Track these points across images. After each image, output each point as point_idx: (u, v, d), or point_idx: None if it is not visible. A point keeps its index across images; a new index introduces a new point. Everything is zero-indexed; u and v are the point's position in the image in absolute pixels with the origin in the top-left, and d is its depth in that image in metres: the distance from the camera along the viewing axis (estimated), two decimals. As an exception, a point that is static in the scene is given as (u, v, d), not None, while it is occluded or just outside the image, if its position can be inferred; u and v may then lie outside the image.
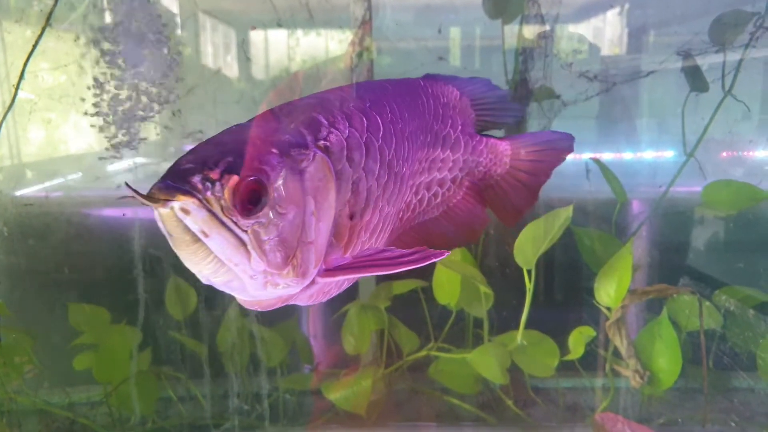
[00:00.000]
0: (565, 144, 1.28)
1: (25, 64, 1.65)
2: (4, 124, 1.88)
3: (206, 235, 0.72)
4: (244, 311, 2.06)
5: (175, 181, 0.70)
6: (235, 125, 0.86)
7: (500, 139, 1.26)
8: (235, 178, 0.72)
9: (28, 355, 1.93)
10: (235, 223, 0.73)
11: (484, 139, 1.24)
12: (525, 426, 2.11)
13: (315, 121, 0.88)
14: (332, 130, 0.88)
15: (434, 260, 0.85)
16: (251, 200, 0.74)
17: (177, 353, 2.14)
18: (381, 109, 0.99)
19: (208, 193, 0.71)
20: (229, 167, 0.73)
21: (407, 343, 2.13)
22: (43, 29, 1.62)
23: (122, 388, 1.99)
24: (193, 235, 0.72)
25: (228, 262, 0.75)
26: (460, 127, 1.18)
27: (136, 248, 1.94)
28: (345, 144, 0.89)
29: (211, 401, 2.13)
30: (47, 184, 2.23)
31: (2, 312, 1.83)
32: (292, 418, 2.15)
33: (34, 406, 1.99)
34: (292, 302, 0.90)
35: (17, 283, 2.04)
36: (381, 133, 0.97)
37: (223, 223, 0.72)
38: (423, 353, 2.10)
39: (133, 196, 0.68)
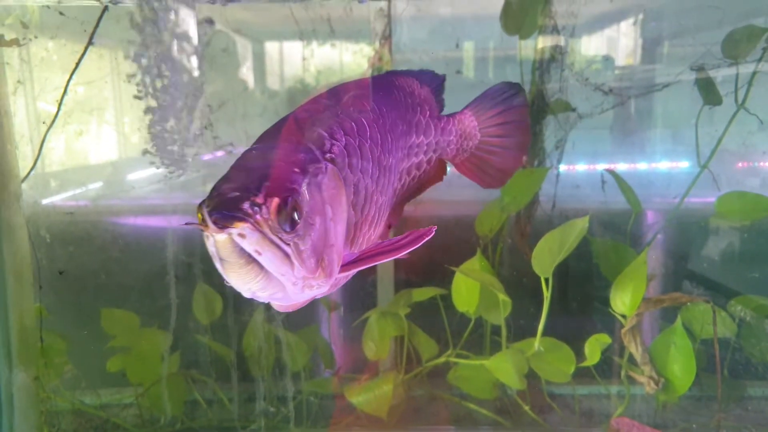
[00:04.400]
0: (513, 91, 1.34)
1: (68, 81, 1.74)
2: (33, 137, 1.97)
3: (259, 254, 0.80)
4: (269, 317, 2.13)
5: (230, 210, 0.78)
6: (248, 151, 0.94)
7: (461, 112, 1.32)
8: (276, 200, 0.81)
9: (65, 356, 2.02)
10: (281, 239, 0.82)
11: (450, 118, 1.31)
12: (542, 431, 2.15)
13: (318, 135, 0.97)
14: (333, 141, 0.98)
15: (425, 239, 0.96)
16: (291, 217, 0.83)
17: (205, 357, 2.21)
18: (363, 110, 1.09)
19: (258, 217, 0.79)
20: (270, 191, 0.82)
21: (426, 350, 2.18)
22: (86, 48, 1.72)
23: (153, 390, 2.07)
24: (248, 256, 0.79)
25: (277, 274, 0.83)
26: (428, 113, 1.26)
27: (168, 255, 2.02)
28: (345, 152, 0.99)
29: (238, 404, 2.20)
30: (77, 191, 2.32)
31: (43, 315, 1.92)
32: (316, 420, 2.21)
33: (71, 405, 2.08)
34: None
35: (57, 288, 2.13)
36: (368, 133, 1.06)
37: (272, 241, 0.81)
38: (442, 359, 2.16)
39: (196, 225, 0.77)
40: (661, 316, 2.22)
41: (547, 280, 1.92)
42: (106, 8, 1.64)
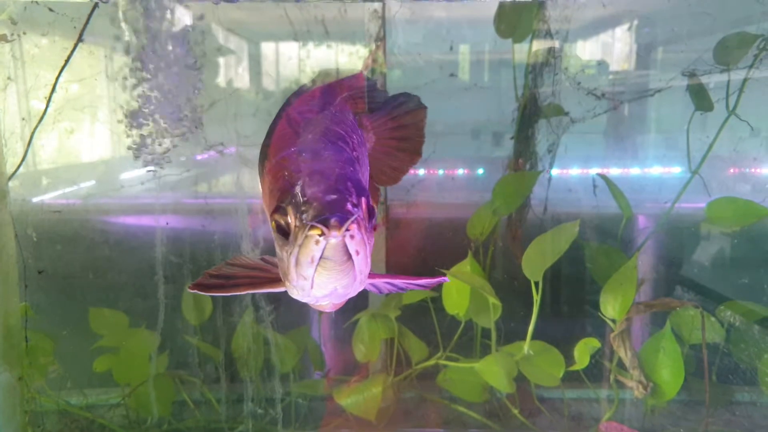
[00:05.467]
0: (413, 104, 1.39)
1: (57, 78, 1.73)
2: (24, 135, 1.95)
3: (358, 254, 0.80)
4: (258, 318, 2.12)
5: (343, 212, 0.79)
6: (296, 152, 0.94)
7: (363, 115, 1.37)
8: (364, 201, 0.83)
9: (51, 356, 2.00)
10: (368, 238, 0.84)
11: (358, 118, 1.36)
12: (531, 435, 2.15)
13: (340, 135, 0.97)
14: (349, 139, 1.02)
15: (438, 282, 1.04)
16: (374, 216, 0.87)
17: (193, 358, 2.20)
18: (340, 111, 1.14)
19: (358, 217, 0.80)
20: (358, 193, 0.84)
21: (416, 352, 2.18)
22: (76, 44, 1.70)
23: (140, 391, 2.05)
24: (348, 256, 0.80)
25: (360, 273, 0.84)
26: (350, 117, 1.31)
27: (158, 255, 2.00)
28: (359, 150, 1.04)
29: (226, 405, 2.18)
30: (68, 190, 2.30)
31: (28, 314, 1.90)
32: (304, 422, 2.20)
33: (56, 406, 2.06)
34: None
35: (43, 287, 2.11)
36: (354, 133, 1.12)
37: (365, 240, 0.82)
38: (432, 362, 2.15)
39: (284, 229, 0.80)
40: (651, 320, 2.23)
41: (537, 283, 1.93)
42: (96, 5, 1.63)
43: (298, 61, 2.44)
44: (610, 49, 2.58)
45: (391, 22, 2.27)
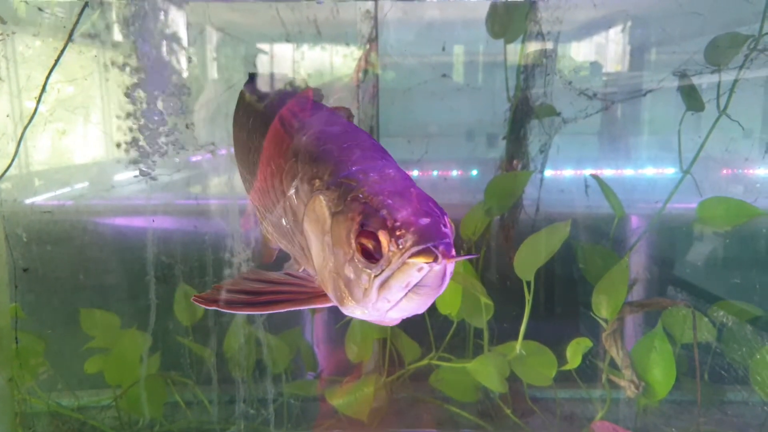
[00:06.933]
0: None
1: (47, 78, 1.72)
2: (16, 135, 1.95)
3: (448, 277, 0.79)
4: (250, 319, 2.11)
5: (449, 239, 0.77)
6: (367, 169, 0.89)
7: None
8: (447, 219, 0.81)
9: (41, 357, 1.99)
10: None
11: None
12: (523, 435, 2.15)
13: (380, 147, 0.98)
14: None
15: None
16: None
17: (185, 359, 2.19)
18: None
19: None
20: (441, 212, 0.81)
21: (409, 352, 2.18)
22: (66, 44, 1.70)
23: (131, 392, 2.04)
24: (443, 281, 0.79)
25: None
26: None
27: (149, 255, 2.00)
28: None
29: (218, 406, 2.18)
30: (59, 192, 2.30)
31: (18, 315, 1.89)
32: (296, 423, 2.19)
33: (47, 407, 2.05)
34: None
35: (33, 288, 2.10)
36: None
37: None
38: (424, 362, 2.15)
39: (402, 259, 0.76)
40: (643, 320, 2.23)
41: (528, 283, 1.93)
42: (86, 4, 1.63)
43: (292, 63, 2.44)
44: (603, 50, 2.59)
45: (383, 23, 2.27)
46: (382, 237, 0.77)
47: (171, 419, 2.19)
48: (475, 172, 2.59)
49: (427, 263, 0.74)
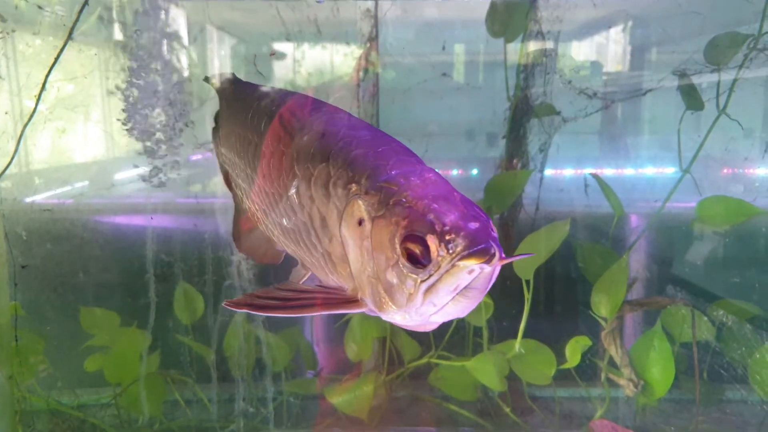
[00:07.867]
0: None
1: (47, 77, 1.72)
2: (17, 134, 1.95)
3: (492, 280, 0.80)
4: (250, 317, 2.12)
5: (492, 240, 0.77)
6: (407, 171, 0.88)
7: None
8: (490, 223, 0.80)
9: (41, 355, 1.99)
10: None
11: None
12: (522, 433, 2.15)
13: (410, 151, 0.96)
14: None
15: None
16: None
17: (185, 357, 2.19)
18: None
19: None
20: (486, 215, 0.81)
21: (408, 351, 2.18)
22: (66, 42, 1.70)
23: (131, 390, 2.05)
24: (489, 283, 0.79)
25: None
26: None
27: (148, 254, 2.00)
28: None
29: (217, 404, 2.18)
30: (60, 190, 2.30)
31: (18, 313, 1.90)
32: (296, 422, 2.20)
33: (46, 405, 2.05)
34: None
35: (33, 286, 2.11)
36: None
37: None
38: (424, 361, 2.15)
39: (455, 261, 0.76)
40: (643, 319, 2.23)
41: (528, 282, 1.93)
42: (86, 2, 1.63)
43: (293, 62, 2.44)
44: (603, 49, 2.59)
45: (383, 22, 2.27)
46: (431, 241, 0.76)
47: (171, 417, 2.19)
48: (475, 171, 2.59)
49: (478, 265, 0.74)
